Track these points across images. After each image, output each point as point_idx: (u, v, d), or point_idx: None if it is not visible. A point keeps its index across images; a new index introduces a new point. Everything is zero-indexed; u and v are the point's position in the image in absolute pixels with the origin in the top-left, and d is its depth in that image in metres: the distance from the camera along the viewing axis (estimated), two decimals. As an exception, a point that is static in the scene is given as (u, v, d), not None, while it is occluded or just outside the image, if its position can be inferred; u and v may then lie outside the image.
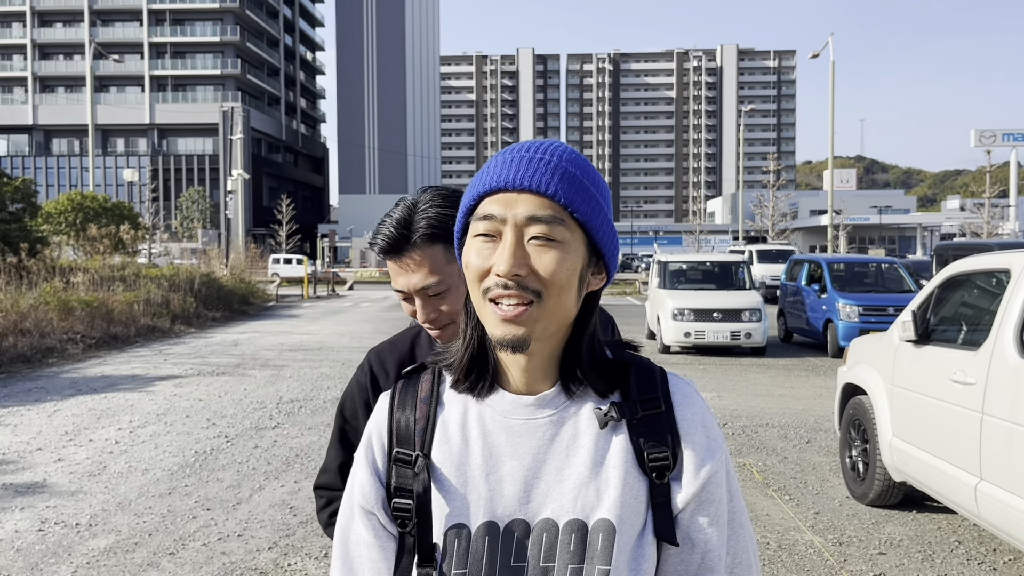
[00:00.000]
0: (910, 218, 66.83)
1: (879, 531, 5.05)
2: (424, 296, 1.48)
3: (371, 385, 1.61)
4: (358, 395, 1.63)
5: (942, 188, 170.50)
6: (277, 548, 4.72)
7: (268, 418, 8.34)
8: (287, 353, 13.67)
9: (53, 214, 28.48)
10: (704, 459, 1.01)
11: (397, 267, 1.48)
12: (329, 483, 1.65)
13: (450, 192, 1.51)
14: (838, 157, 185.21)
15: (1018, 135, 55.03)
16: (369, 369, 1.62)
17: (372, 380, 1.61)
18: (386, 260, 1.50)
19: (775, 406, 9.16)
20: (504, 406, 1.03)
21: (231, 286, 23.11)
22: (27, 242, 18.44)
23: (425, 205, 1.48)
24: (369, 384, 1.61)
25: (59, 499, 5.64)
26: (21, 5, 75.60)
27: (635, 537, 0.99)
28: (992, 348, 4.11)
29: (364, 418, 1.60)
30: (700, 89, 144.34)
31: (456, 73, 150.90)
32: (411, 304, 1.51)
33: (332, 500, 1.64)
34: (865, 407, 5.58)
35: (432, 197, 1.49)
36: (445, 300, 1.47)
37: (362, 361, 1.66)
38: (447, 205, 1.47)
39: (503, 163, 0.99)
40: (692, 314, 13.29)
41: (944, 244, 13.96)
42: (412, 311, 1.51)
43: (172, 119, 75.61)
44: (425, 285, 1.46)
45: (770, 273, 25.46)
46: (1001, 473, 3.90)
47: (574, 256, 0.98)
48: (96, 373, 11.44)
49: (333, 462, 1.65)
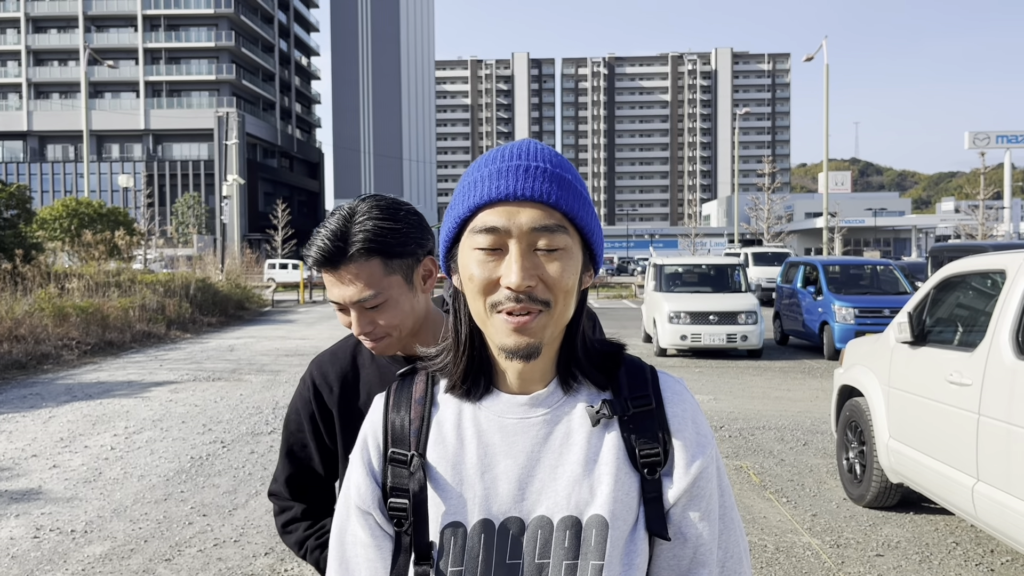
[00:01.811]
0: (905, 220, 67.00)
1: (876, 533, 5.05)
2: (360, 309, 1.45)
3: (315, 399, 1.59)
4: (302, 409, 1.61)
5: (937, 190, 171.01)
6: (273, 553, 4.71)
7: (264, 423, 8.32)
8: (283, 358, 13.64)
9: (48, 220, 28.41)
10: (695, 455, 1.03)
11: (333, 279, 1.44)
12: (278, 492, 1.67)
13: (389, 203, 1.47)
14: (833, 160, 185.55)
15: (1011, 137, 55.24)
16: (312, 384, 1.60)
17: (315, 394, 1.59)
18: (321, 272, 1.46)
19: (772, 408, 9.16)
20: (498, 406, 1.04)
21: (227, 291, 23.08)
22: (22, 248, 18.38)
23: (363, 218, 1.43)
24: (312, 398, 1.59)
25: (54, 506, 5.62)
26: (15, 11, 75.47)
27: (628, 532, 1.00)
28: (988, 349, 4.11)
29: (309, 431, 1.61)
30: (695, 92, 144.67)
31: (451, 77, 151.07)
32: (347, 315, 1.48)
33: (284, 509, 1.66)
34: (862, 409, 5.58)
35: (370, 209, 1.44)
36: (381, 314, 1.45)
37: (304, 374, 1.64)
38: (385, 217, 1.43)
39: (497, 173, 0.99)
40: (688, 317, 13.30)
41: (939, 246, 13.98)
42: (348, 322, 1.48)
43: (167, 125, 75.50)
44: (361, 298, 1.43)
45: (766, 276, 25.52)
46: (998, 474, 3.90)
47: (576, 261, 1.00)
48: (91, 379, 11.41)
49: (281, 473, 1.66)
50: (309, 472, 1.63)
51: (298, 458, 1.64)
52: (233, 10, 75.93)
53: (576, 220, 0.99)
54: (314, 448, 1.61)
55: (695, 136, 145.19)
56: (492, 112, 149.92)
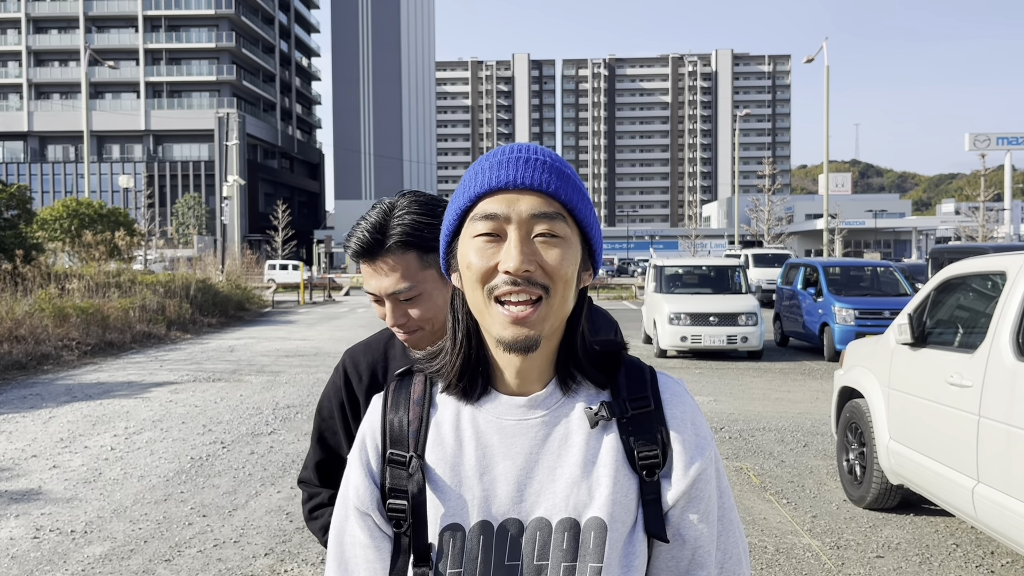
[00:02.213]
0: (905, 222, 66.99)
1: (876, 534, 5.05)
2: (395, 300, 1.49)
3: (345, 387, 1.64)
4: (333, 396, 1.66)
5: (937, 192, 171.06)
6: (273, 554, 4.70)
7: (264, 424, 8.31)
8: (283, 359, 13.64)
9: (48, 221, 28.40)
10: (693, 456, 1.03)
11: (370, 270, 1.50)
12: (308, 479, 1.72)
13: (428, 199, 1.51)
14: (833, 161, 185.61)
15: (1012, 139, 55.24)
16: (343, 371, 1.65)
17: (346, 382, 1.64)
18: (359, 263, 1.51)
19: (772, 410, 9.16)
20: (497, 407, 1.04)
21: (227, 292, 23.08)
22: (22, 249, 18.38)
23: (401, 212, 1.48)
24: (343, 386, 1.64)
25: (54, 506, 5.61)
26: (16, 12, 75.53)
27: (626, 534, 1.00)
28: (988, 350, 4.11)
29: (339, 418, 1.65)
30: (695, 94, 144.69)
31: (452, 79, 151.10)
32: (382, 307, 1.52)
33: (312, 495, 1.71)
34: (862, 410, 5.58)
35: (409, 204, 1.49)
36: (415, 306, 1.48)
37: (338, 363, 1.69)
38: (423, 212, 1.47)
39: (498, 165, 1.00)
40: (689, 318, 13.30)
41: (939, 248, 13.98)
42: (383, 313, 1.52)
43: (167, 125, 75.54)
44: (396, 290, 1.47)
45: (766, 277, 25.50)
46: (998, 476, 3.90)
47: (574, 251, 1.00)
48: (91, 380, 11.41)
49: (311, 459, 1.71)
50: (338, 459, 1.65)
51: (328, 445, 1.68)
52: (234, 11, 75.98)
53: (575, 212, 1.00)
54: (343, 435, 1.65)
55: (695, 137, 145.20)
56: (492, 113, 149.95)
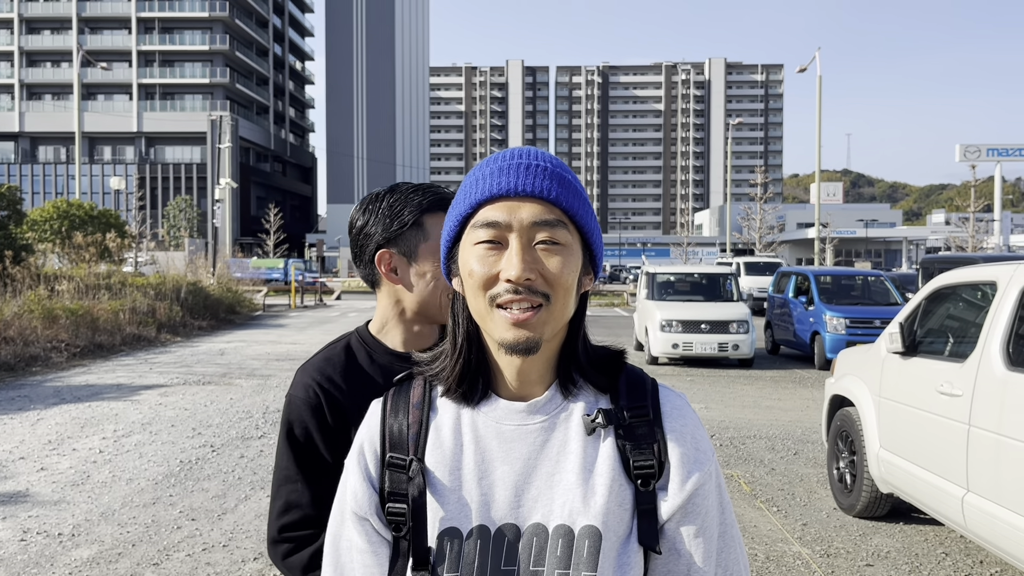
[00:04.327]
0: (896, 232, 67.35)
1: (866, 543, 5.06)
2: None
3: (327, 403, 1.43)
4: (311, 421, 1.43)
5: (927, 202, 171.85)
6: (263, 558, 4.68)
7: (254, 428, 8.28)
8: (273, 363, 13.60)
9: (38, 222, 28.28)
10: (691, 471, 1.02)
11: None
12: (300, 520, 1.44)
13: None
14: (825, 171, 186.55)
15: (1002, 150, 55.62)
16: (316, 387, 1.44)
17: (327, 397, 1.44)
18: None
19: (763, 418, 9.17)
20: (496, 412, 1.04)
21: (218, 295, 22.99)
22: (12, 249, 18.29)
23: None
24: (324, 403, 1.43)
25: (42, 509, 5.58)
26: (9, 12, 75.28)
27: (620, 544, 0.99)
28: (979, 360, 4.13)
29: (322, 442, 1.43)
30: (688, 102, 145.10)
31: (445, 84, 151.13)
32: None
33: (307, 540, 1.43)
34: (852, 419, 5.60)
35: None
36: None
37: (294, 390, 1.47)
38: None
39: (499, 171, 1.00)
40: (680, 326, 13.32)
41: (930, 257, 14.06)
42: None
43: (160, 127, 75.35)
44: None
45: (757, 285, 25.56)
46: (988, 485, 3.91)
47: (575, 258, 1.00)
48: (80, 382, 11.35)
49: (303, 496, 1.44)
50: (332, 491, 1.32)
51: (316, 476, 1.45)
52: (227, 14, 75.91)
53: (576, 218, 1.00)
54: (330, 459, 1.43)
55: (688, 145, 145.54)
56: (486, 119, 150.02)
